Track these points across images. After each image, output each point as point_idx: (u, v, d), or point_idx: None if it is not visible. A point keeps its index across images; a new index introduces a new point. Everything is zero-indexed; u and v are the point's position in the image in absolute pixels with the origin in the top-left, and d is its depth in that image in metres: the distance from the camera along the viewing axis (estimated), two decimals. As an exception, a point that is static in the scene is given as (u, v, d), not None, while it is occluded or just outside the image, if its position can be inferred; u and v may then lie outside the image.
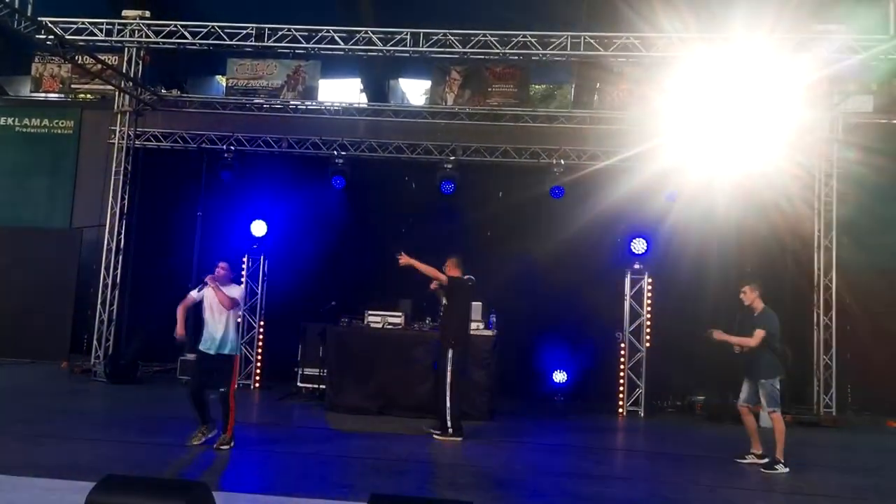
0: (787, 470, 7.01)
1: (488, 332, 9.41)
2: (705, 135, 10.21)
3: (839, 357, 10.80)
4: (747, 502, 6.08)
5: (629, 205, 10.84)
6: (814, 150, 11.05)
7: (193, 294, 7.07)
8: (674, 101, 10.40)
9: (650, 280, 10.69)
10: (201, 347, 7.01)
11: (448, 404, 7.88)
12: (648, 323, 10.64)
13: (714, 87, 9.72)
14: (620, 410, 10.39)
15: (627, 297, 10.75)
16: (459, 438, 7.85)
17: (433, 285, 8.21)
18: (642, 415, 10.35)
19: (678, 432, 9.29)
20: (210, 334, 6.93)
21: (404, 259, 8.06)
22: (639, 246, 10.54)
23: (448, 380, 7.95)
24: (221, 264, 7.10)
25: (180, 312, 7.05)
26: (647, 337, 10.63)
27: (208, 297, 6.96)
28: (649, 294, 10.68)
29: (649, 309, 10.66)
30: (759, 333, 7.17)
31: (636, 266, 10.71)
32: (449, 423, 7.88)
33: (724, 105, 9.80)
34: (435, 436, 7.90)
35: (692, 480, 6.72)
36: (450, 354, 8.00)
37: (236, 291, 7.09)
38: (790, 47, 9.83)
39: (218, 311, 6.92)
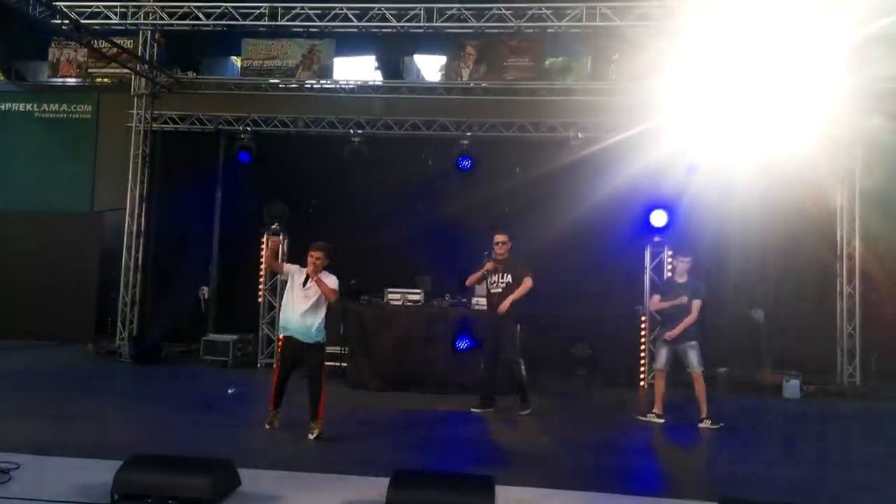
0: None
1: (508, 308, 9.37)
2: (726, 105, 10.02)
3: (864, 327, 10.66)
4: (768, 470, 6.06)
5: (649, 178, 10.65)
6: (839, 118, 10.81)
7: (289, 267, 6.71)
8: (694, 71, 10.19)
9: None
10: (293, 335, 6.54)
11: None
12: (669, 296, 10.56)
13: (734, 56, 9.52)
14: (642, 384, 10.39)
15: (648, 271, 10.70)
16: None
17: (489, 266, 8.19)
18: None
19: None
20: (303, 323, 6.44)
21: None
22: (658, 219, 10.45)
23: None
24: (315, 253, 6.33)
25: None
26: (668, 310, 10.55)
27: (299, 286, 6.46)
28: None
29: (670, 282, 10.57)
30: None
31: (656, 239, 10.65)
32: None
33: (745, 74, 9.60)
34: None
35: (716, 450, 6.71)
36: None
37: (333, 282, 6.45)
38: (818, 8, 9.56)
39: (317, 300, 6.45)
